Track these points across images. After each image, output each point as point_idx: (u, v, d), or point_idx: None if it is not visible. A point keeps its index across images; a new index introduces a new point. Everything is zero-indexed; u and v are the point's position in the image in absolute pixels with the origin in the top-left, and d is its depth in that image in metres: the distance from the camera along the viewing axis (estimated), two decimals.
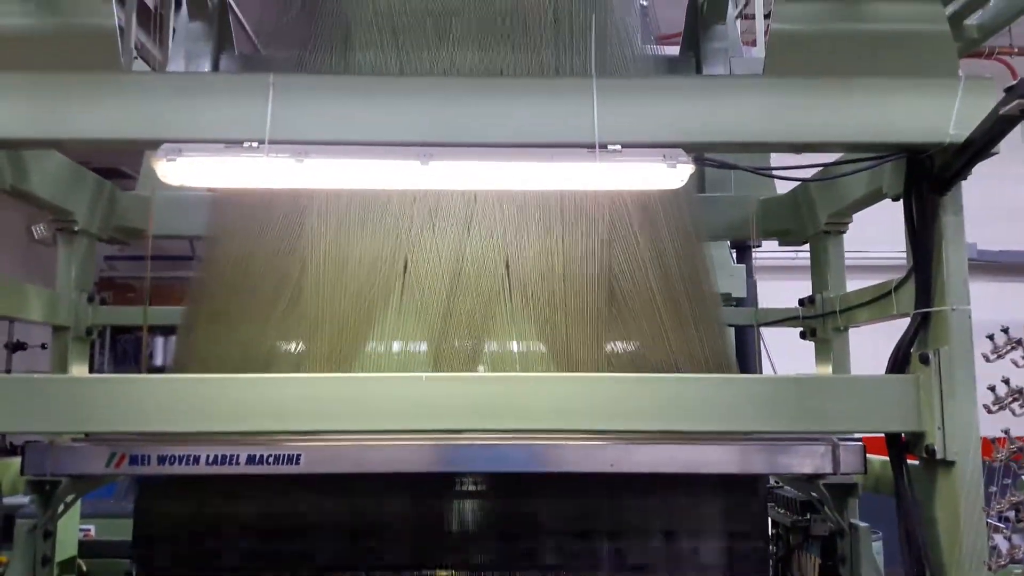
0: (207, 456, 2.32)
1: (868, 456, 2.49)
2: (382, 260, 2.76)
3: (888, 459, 2.41)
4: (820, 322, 3.20)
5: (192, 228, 3.31)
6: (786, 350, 4.20)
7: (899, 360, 2.39)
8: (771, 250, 4.39)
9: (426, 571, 2.66)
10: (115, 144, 2.38)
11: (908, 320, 2.41)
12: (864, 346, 3.21)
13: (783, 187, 3.27)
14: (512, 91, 2.42)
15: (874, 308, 2.77)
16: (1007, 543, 4.91)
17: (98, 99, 2.28)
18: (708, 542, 2.66)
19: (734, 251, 4.63)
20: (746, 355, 4.28)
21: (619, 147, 2.24)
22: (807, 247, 3.35)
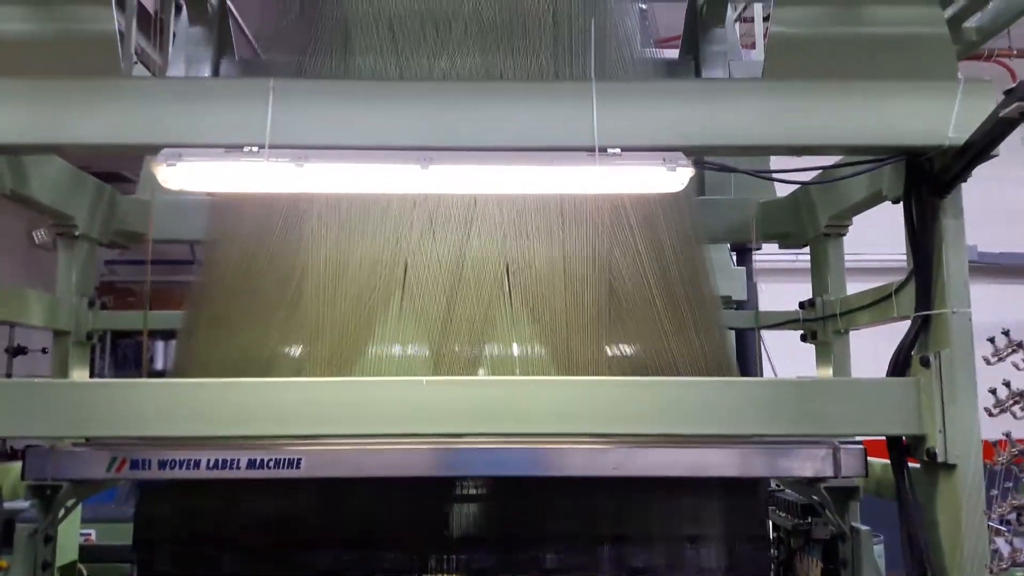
0: (208, 460, 2.33)
1: (869, 459, 2.48)
2: (382, 264, 2.76)
3: (889, 462, 2.41)
4: (820, 325, 3.19)
5: (192, 232, 3.31)
6: (786, 353, 4.19)
7: (900, 363, 2.39)
8: (771, 253, 4.39)
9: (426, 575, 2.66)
10: (115, 149, 2.37)
11: (909, 323, 2.41)
12: (865, 349, 3.21)
13: (783, 190, 3.28)
14: (511, 95, 2.42)
15: (874, 311, 2.76)
16: (1008, 546, 4.92)
17: (98, 104, 2.28)
18: (709, 545, 2.66)
19: (734, 254, 4.63)
20: (747, 358, 4.29)
21: (619, 150, 2.24)
22: (807, 250, 3.35)
